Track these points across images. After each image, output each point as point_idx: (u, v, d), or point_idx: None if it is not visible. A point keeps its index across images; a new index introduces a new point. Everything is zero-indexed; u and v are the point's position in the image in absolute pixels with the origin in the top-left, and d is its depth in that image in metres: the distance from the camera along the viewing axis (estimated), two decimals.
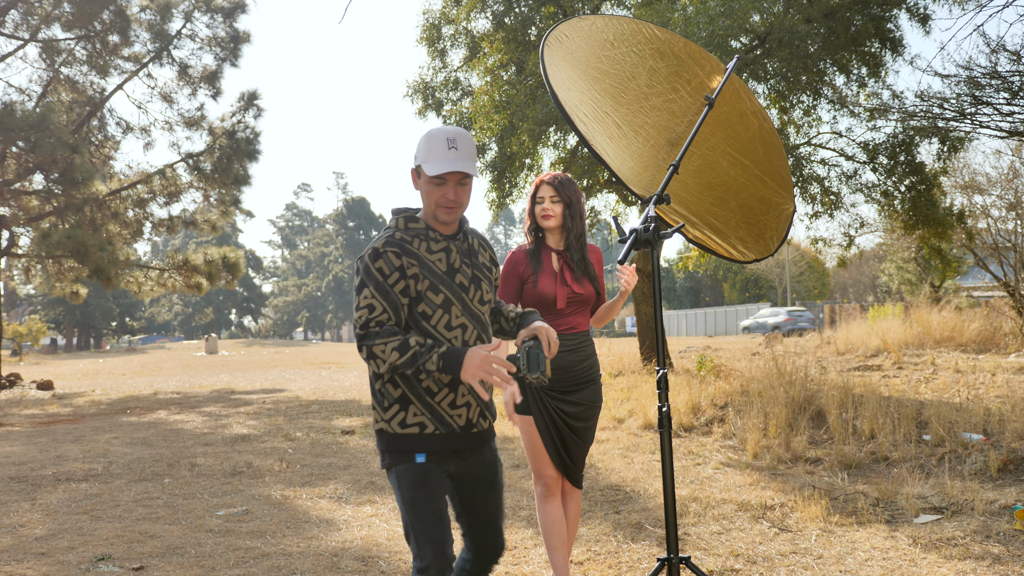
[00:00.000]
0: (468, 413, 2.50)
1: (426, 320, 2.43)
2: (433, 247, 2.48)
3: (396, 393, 2.44)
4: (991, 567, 3.92)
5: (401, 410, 2.44)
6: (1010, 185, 17.43)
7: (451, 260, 2.49)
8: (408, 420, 2.43)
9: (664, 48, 3.71)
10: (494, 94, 12.04)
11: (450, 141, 2.39)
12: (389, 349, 2.33)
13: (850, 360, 12.45)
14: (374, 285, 2.39)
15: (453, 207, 2.44)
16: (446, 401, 2.45)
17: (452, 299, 2.46)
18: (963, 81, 10.08)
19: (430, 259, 2.45)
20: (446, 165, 2.37)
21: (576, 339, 3.48)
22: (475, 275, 2.54)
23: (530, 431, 3.47)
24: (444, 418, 2.45)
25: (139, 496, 6.02)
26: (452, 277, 2.47)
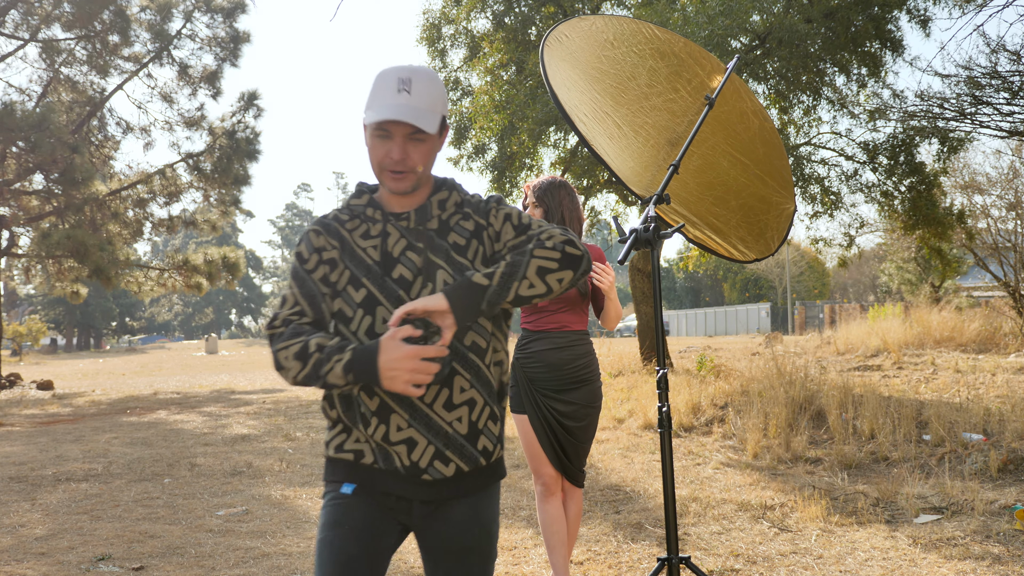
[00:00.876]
0: (411, 453, 1.79)
1: (344, 323, 1.83)
2: (372, 229, 1.88)
3: (332, 414, 1.87)
4: (991, 567, 3.92)
5: (342, 432, 1.87)
6: (1010, 185, 17.44)
7: (389, 247, 1.85)
8: (346, 445, 1.86)
9: (664, 48, 3.71)
10: (494, 94, 12.04)
11: (402, 82, 1.79)
12: (291, 356, 1.75)
13: (850, 360, 12.45)
14: (292, 272, 1.89)
15: (401, 172, 1.81)
16: (379, 434, 1.80)
17: (379, 298, 1.81)
18: (963, 81, 10.08)
19: (360, 244, 1.86)
20: (388, 111, 1.76)
21: (565, 337, 3.48)
22: (430, 265, 1.83)
23: (526, 429, 3.47)
24: (386, 452, 1.82)
25: (139, 496, 6.02)
26: (387, 269, 1.83)
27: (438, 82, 1.86)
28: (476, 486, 1.86)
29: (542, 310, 3.51)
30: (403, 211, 1.88)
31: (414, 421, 1.79)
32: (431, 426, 1.80)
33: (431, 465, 1.80)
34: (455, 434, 1.80)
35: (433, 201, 1.89)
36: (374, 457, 1.82)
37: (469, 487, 1.85)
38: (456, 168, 14.85)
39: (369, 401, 1.79)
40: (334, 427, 1.88)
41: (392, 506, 1.83)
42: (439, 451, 1.80)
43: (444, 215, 1.90)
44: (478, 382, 1.83)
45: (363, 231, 1.88)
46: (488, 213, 1.90)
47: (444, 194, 1.92)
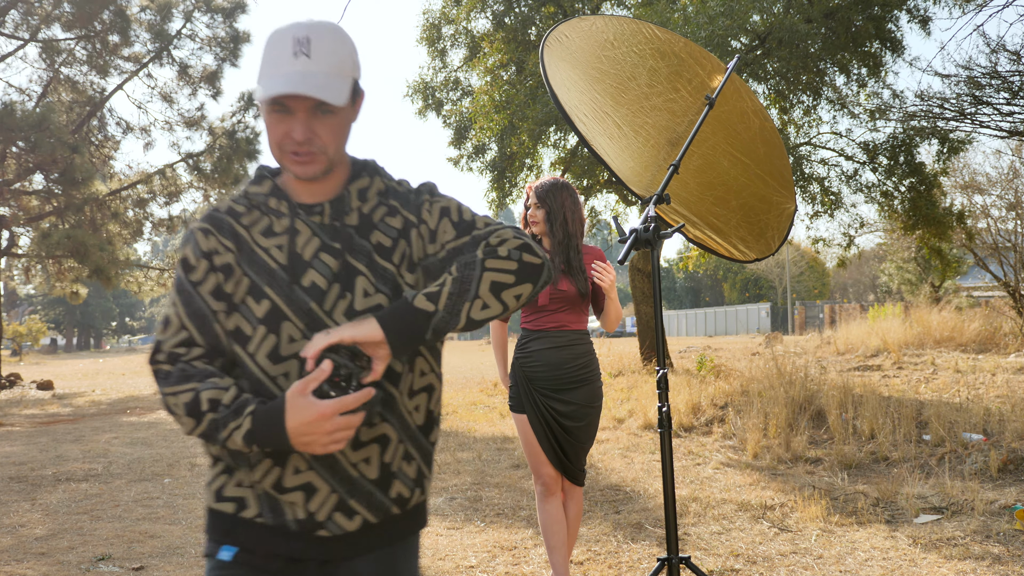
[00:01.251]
0: (309, 502, 1.45)
1: (242, 344, 1.45)
2: (276, 225, 1.49)
3: (213, 449, 1.49)
4: (991, 567, 3.92)
5: (223, 473, 1.49)
6: (1010, 185, 17.44)
7: (298, 247, 1.47)
8: (226, 491, 1.48)
9: (664, 48, 3.71)
10: (494, 94, 12.04)
11: (299, 43, 1.42)
12: (181, 406, 1.40)
13: (850, 360, 12.45)
14: (175, 284, 1.50)
15: (304, 156, 1.44)
16: (269, 480, 1.45)
17: (285, 311, 1.44)
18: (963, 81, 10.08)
19: (262, 244, 1.48)
20: (283, 83, 1.39)
21: (564, 336, 3.48)
22: (348, 270, 1.47)
23: (525, 429, 3.48)
24: (275, 502, 1.46)
25: (139, 496, 6.02)
26: (296, 275, 1.45)
27: (345, 39, 1.48)
28: (387, 539, 1.50)
29: (541, 309, 3.51)
30: (315, 202, 1.51)
31: (316, 462, 1.43)
32: (335, 469, 1.44)
33: (330, 518, 1.44)
34: (361, 478, 1.45)
35: (352, 190, 1.52)
36: (259, 508, 1.45)
37: (377, 541, 1.48)
38: (456, 168, 14.85)
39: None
40: (214, 465, 1.50)
41: (281, 571, 1.45)
42: (342, 500, 1.44)
43: (366, 207, 1.52)
44: (391, 415, 1.48)
45: (265, 227, 1.49)
46: (420, 207, 1.54)
47: (365, 181, 1.54)
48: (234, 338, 1.46)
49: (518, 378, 3.52)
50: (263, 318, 1.44)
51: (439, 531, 4.86)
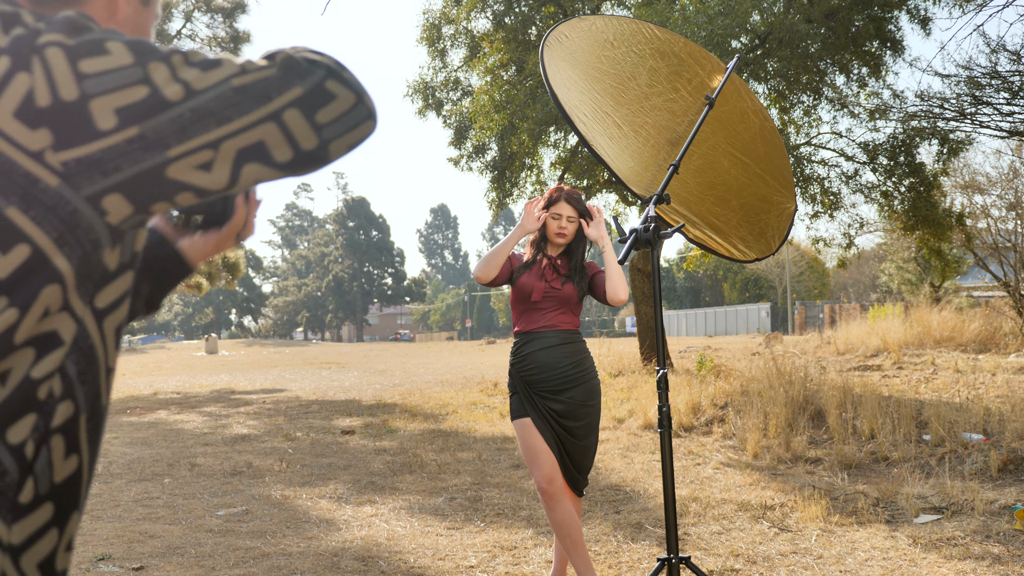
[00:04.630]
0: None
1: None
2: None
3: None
4: (991, 567, 3.92)
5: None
6: (1010, 185, 17.43)
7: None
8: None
9: (664, 48, 3.71)
10: (494, 94, 12.04)
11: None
12: None
13: (850, 360, 12.45)
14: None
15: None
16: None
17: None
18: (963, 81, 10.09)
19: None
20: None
21: (557, 336, 3.48)
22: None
23: (525, 435, 3.47)
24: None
25: (139, 496, 6.02)
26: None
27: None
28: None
29: (533, 307, 3.51)
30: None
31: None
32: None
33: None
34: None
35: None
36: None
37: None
38: (456, 168, 14.86)
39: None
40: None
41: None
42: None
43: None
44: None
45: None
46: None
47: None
48: None
49: (516, 384, 3.52)
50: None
51: (439, 531, 4.87)
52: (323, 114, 0.96)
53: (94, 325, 0.99)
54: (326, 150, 0.98)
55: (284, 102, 0.95)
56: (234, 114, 0.94)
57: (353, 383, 16.38)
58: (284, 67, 0.96)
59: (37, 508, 0.95)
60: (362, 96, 1.00)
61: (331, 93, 0.97)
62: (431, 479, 6.41)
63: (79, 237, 0.94)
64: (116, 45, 0.94)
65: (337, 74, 0.98)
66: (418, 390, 13.95)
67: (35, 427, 0.94)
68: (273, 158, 0.97)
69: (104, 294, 1.00)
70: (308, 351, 36.33)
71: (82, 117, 0.92)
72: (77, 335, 0.97)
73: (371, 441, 8.45)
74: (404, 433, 8.92)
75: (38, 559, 0.95)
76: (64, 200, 0.92)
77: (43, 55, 0.92)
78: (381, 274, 78.55)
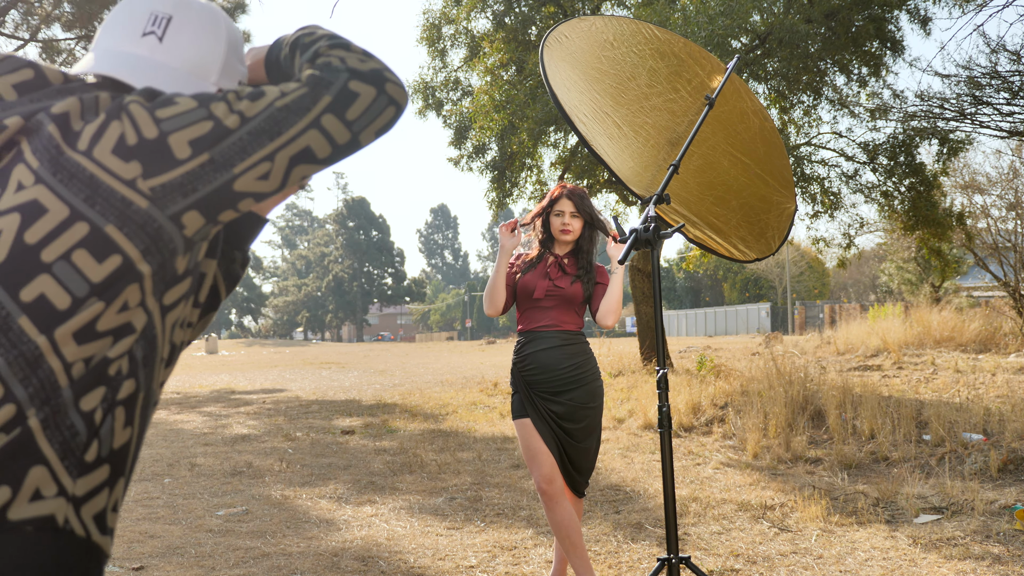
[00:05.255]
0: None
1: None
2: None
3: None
4: (991, 567, 3.92)
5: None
6: (1010, 185, 17.43)
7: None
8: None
9: (664, 48, 3.71)
10: (494, 94, 12.04)
11: (155, 20, 1.28)
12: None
13: (850, 360, 12.45)
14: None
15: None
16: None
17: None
18: (963, 81, 10.09)
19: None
20: (108, 63, 1.26)
21: (559, 337, 3.47)
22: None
23: (524, 435, 3.47)
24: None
25: (139, 496, 6.02)
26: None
27: (220, 35, 1.31)
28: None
29: (535, 304, 3.50)
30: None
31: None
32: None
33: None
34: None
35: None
36: None
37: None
38: (456, 168, 14.87)
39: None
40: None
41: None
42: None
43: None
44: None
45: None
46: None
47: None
48: None
49: (518, 384, 3.51)
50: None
51: (439, 531, 4.87)
52: (352, 111, 1.17)
53: (159, 318, 1.19)
54: (357, 139, 1.19)
55: (319, 110, 1.16)
56: (283, 128, 1.16)
57: (353, 383, 16.39)
58: (312, 83, 1.17)
59: (97, 468, 1.13)
60: (382, 87, 1.19)
61: (355, 92, 1.17)
62: (431, 479, 6.41)
63: (160, 248, 1.15)
64: (183, 98, 1.18)
65: (358, 73, 1.18)
66: (418, 390, 13.95)
67: (104, 398, 1.13)
68: (317, 156, 1.19)
69: (171, 293, 1.20)
70: (308, 351, 36.34)
71: (163, 150, 1.14)
72: (146, 325, 1.17)
73: (371, 441, 8.45)
74: (404, 433, 8.92)
75: (94, 512, 1.14)
76: (152, 219, 1.14)
77: (128, 109, 1.16)
78: (381, 274, 78.55)
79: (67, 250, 1.11)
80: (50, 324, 1.09)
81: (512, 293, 3.57)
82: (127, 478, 1.20)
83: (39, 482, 1.07)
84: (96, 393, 1.12)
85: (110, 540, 1.18)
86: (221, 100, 1.17)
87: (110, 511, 1.17)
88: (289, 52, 1.30)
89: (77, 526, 1.11)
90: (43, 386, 1.08)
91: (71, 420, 1.10)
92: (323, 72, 1.18)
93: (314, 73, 1.18)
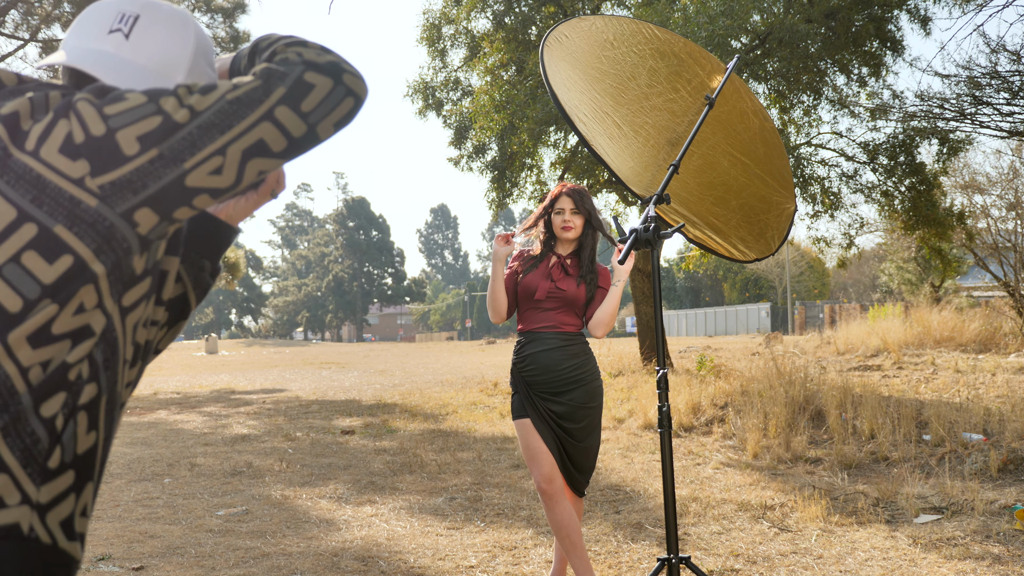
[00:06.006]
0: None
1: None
2: None
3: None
4: (991, 567, 3.92)
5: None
6: (1010, 185, 17.43)
7: None
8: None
9: (664, 48, 3.71)
10: (494, 94, 12.04)
11: (122, 18, 1.28)
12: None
13: (850, 360, 12.45)
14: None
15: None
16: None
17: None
18: (963, 81, 10.09)
19: None
20: (75, 56, 1.27)
21: (559, 338, 3.48)
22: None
23: (524, 435, 3.47)
24: None
25: (139, 496, 6.02)
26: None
27: (188, 36, 1.31)
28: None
29: (536, 306, 3.50)
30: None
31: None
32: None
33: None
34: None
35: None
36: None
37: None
38: (456, 168, 14.87)
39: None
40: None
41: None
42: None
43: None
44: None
45: None
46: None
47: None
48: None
49: (518, 384, 3.52)
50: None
51: (439, 531, 4.87)
52: (307, 103, 1.14)
53: (119, 320, 1.17)
54: (314, 132, 1.16)
55: (272, 102, 1.13)
56: (234, 122, 1.13)
57: (353, 383, 16.39)
58: (265, 76, 1.15)
59: (62, 474, 1.12)
60: (339, 78, 1.16)
61: (310, 84, 1.14)
62: (431, 479, 6.41)
63: (114, 247, 1.13)
64: (133, 94, 1.16)
65: (314, 64, 1.16)
66: (418, 390, 13.95)
67: (64, 403, 1.11)
68: (272, 150, 1.15)
69: (130, 294, 1.18)
70: (308, 351, 36.35)
71: (111, 147, 1.12)
72: (106, 328, 1.15)
73: (371, 441, 8.45)
74: (404, 433, 8.92)
75: (60, 518, 1.12)
76: (102, 217, 1.12)
77: (75, 107, 1.14)
78: (381, 274, 78.52)
79: (16, 252, 1.09)
80: (2, 328, 1.08)
81: (514, 294, 3.57)
82: (96, 482, 1.19)
83: (1, 490, 1.06)
84: (56, 399, 1.10)
85: (79, 546, 1.16)
86: (171, 95, 1.14)
87: (78, 516, 1.15)
88: (248, 59, 1.29)
89: (43, 533, 1.09)
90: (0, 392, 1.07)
91: (32, 427, 1.08)
92: (278, 65, 1.16)
93: (268, 67, 1.16)
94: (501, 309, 3.55)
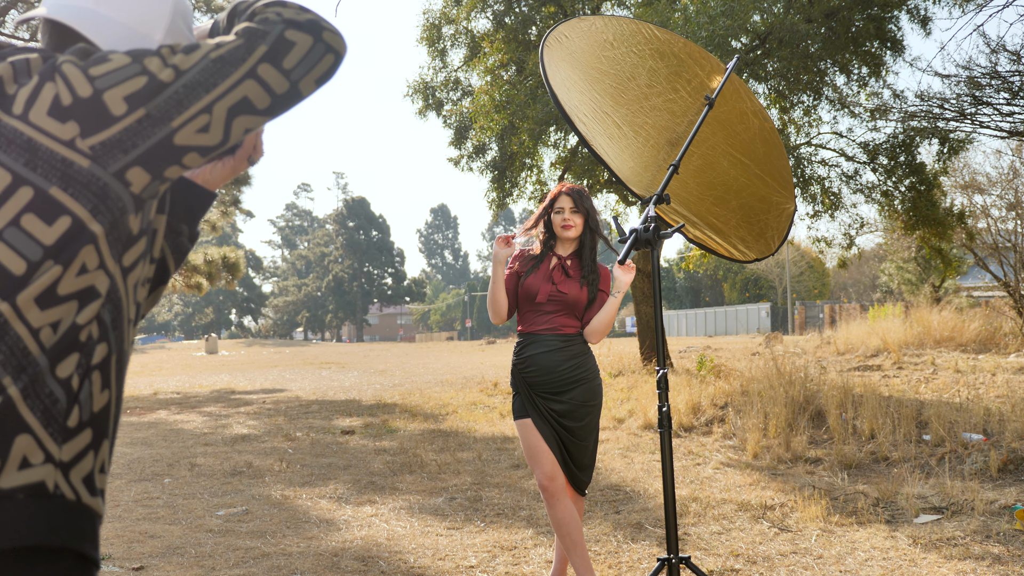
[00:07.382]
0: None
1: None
2: None
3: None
4: (991, 567, 3.92)
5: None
6: (1010, 185, 17.44)
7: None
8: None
9: (664, 48, 3.71)
10: (494, 94, 12.04)
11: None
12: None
13: (850, 360, 12.45)
14: None
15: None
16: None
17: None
18: (963, 81, 10.09)
19: None
20: (49, 6, 1.29)
21: (559, 339, 3.48)
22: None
23: (526, 435, 3.48)
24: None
25: (139, 496, 6.02)
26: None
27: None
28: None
29: (537, 308, 3.51)
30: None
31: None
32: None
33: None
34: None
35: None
36: None
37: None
38: (456, 168, 14.87)
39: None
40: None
41: None
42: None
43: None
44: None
45: None
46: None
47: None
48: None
49: (519, 384, 3.53)
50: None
51: (439, 531, 4.87)
52: (289, 60, 1.18)
53: (121, 280, 1.21)
54: (297, 88, 1.19)
55: (255, 60, 1.16)
56: (218, 80, 1.15)
57: (353, 383, 16.39)
58: (247, 34, 1.18)
59: (80, 432, 1.16)
60: (319, 35, 1.20)
61: (291, 41, 1.18)
62: (431, 479, 6.41)
63: (109, 206, 1.16)
64: (116, 55, 1.18)
65: (294, 22, 1.19)
66: (418, 390, 13.95)
67: (79, 364, 1.15)
68: (256, 107, 1.18)
69: (129, 254, 1.21)
70: (308, 351, 36.34)
71: (99, 107, 1.14)
72: (110, 288, 1.19)
73: (371, 441, 8.45)
74: (404, 433, 8.92)
75: (82, 475, 1.17)
76: (95, 177, 1.14)
77: (61, 70, 1.16)
78: (381, 274, 78.52)
79: (15, 215, 1.12)
80: (10, 290, 1.11)
81: (514, 295, 3.58)
82: (111, 440, 1.24)
83: (26, 450, 1.10)
84: (71, 360, 1.14)
85: (101, 501, 1.20)
86: (155, 55, 1.17)
87: (97, 473, 1.19)
88: (227, 22, 1.31)
89: (67, 490, 1.14)
90: (12, 352, 1.10)
91: (50, 388, 1.12)
92: (259, 24, 1.19)
93: (250, 26, 1.19)
94: (501, 310, 3.55)
